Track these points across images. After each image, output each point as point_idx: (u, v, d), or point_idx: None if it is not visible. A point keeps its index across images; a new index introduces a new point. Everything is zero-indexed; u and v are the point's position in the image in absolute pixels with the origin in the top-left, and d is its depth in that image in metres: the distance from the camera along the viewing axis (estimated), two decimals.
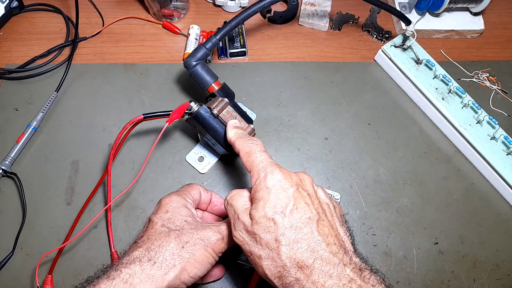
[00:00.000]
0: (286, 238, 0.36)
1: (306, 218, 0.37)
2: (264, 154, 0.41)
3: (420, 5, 0.69)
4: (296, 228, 0.36)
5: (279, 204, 0.37)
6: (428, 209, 0.58)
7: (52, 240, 0.53)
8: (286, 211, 0.36)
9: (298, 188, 0.38)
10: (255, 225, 0.37)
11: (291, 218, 0.36)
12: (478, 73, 0.68)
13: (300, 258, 0.35)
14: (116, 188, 0.56)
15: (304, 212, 0.37)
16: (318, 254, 0.35)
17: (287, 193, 0.37)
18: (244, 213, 0.39)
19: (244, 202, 0.40)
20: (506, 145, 0.59)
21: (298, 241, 0.36)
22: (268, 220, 0.36)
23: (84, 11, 0.69)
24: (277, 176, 0.38)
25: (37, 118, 0.59)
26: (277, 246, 0.36)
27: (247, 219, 0.38)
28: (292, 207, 0.37)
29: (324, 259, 0.35)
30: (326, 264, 0.35)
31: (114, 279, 0.38)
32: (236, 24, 0.53)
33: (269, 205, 0.37)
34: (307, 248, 0.35)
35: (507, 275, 0.55)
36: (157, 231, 0.42)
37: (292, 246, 0.35)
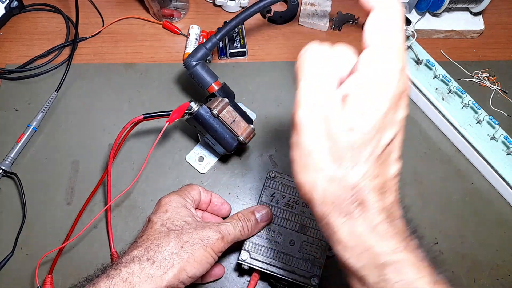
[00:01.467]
0: (368, 167, 0.28)
1: (395, 158, 0.32)
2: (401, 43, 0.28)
3: (420, 5, 0.69)
4: (380, 159, 0.29)
5: (386, 119, 0.28)
6: (428, 209, 0.58)
7: (52, 240, 0.53)
8: (392, 130, 0.29)
9: (404, 117, 0.30)
10: (348, 131, 0.27)
11: (385, 151, 0.29)
12: (478, 73, 0.68)
13: (368, 196, 0.28)
14: (116, 188, 0.56)
15: (398, 149, 0.32)
16: (385, 202, 0.30)
17: (398, 115, 0.29)
18: (335, 96, 0.28)
19: (334, 77, 0.29)
20: (506, 145, 0.59)
21: (378, 177, 0.29)
22: (368, 132, 0.27)
23: (84, 11, 0.69)
24: (405, 84, 0.28)
25: (37, 118, 0.59)
26: (352, 167, 0.28)
27: (338, 105, 0.28)
28: (394, 137, 0.30)
29: (388, 209, 0.30)
30: (389, 215, 0.30)
31: (114, 278, 0.38)
32: (236, 24, 0.53)
33: (377, 115, 0.27)
34: (380, 188, 0.29)
35: (507, 275, 0.55)
36: (157, 230, 0.43)
37: (370, 179, 0.28)
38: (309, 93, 0.28)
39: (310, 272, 0.47)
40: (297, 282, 0.47)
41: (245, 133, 0.52)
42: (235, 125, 0.51)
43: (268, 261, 0.48)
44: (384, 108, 0.27)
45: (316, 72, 0.29)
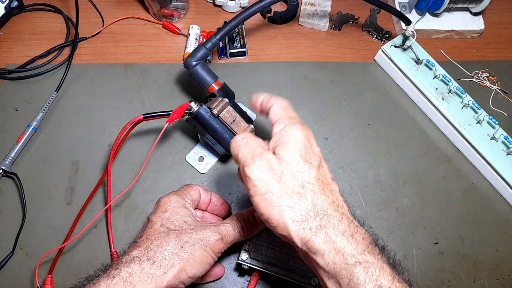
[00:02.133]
0: (314, 186, 0.36)
1: (330, 179, 0.38)
2: (297, 115, 0.42)
3: (420, 5, 0.69)
4: (322, 182, 0.37)
5: (309, 155, 0.38)
6: (428, 209, 0.58)
7: (52, 240, 0.53)
8: (315, 163, 0.37)
9: (320, 151, 0.40)
10: (284, 165, 0.36)
11: (318, 172, 0.37)
12: (478, 73, 0.68)
13: (327, 208, 0.35)
14: (116, 188, 0.56)
15: (328, 172, 0.39)
16: (343, 210, 0.36)
17: (315, 150, 0.39)
18: (267, 151, 0.38)
19: (262, 143, 0.40)
20: (506, 145, 0.59)
21: (325, 193, 0.36)
22: (299, 165, 0.37)
23: (84, 11, 0.69)
24: (309, 132, 0.40)
25: (37, 118, 0.59)
26: (304, 191, 0.36)
27: (273, 157, 0.37)
28: (319, 163, 0.38)
29: (349, 217, 0.36)
30: (351, 223, 0.36)
31: (114, 278, 0.38)
32: (236, 24, 0.53)
33: (300, 151, 0.37)
34: (332, 202, 0.36)
35: (507, 275, 0.55)
36: (156, 230, 0.43)
37: (319, 196, 0.36)
38: (249, 154, 0.38)
39: (310, 272, 0.47)
40: (297, 282, 0.47)
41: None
42: (235, 125, 0.51)
43: (268, 261, 0.48)
44: (300, 146, 0.37)
45: (249, 143, 0.40)
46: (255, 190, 0.36)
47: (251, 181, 0.37)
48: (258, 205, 0.36)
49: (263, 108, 0.44)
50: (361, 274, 0.32)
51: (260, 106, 0.44)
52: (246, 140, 0.40)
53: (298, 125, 0.39)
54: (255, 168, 0.37)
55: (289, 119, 0.40)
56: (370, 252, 0.34)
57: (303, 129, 0.39)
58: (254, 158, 0.37)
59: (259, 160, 0.37)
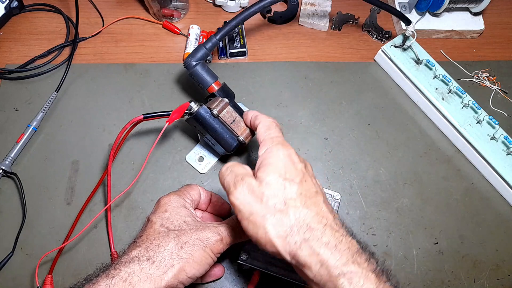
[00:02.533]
0: (295, 201, 0.37)
1: (314, 192, 0.39)
2: (280, 133, 0.43)
3: (420, 5, 0.69)
4: (305, 196, 0.38)
5: (289, 173, 0.39)
6: (428, 209, 0.58)
7: (52, 240, 0.53)
8: (296, 179, 0.38)
9: (305, 166, 0.41)
10: (264, 186, 0.38)
11: (300, 187, 0.38)
12: (478, 73, 0.68)
13: (310, 221, 0.36)
14: (116, 188, 0.56)
15: (312, 186, 0.39)
16: (327, 222, 0.37)
17: (297, 167, 0.40)
18: (248, 176, 0.39)
19: (245, 169, 0.41)
20: (506, 145, 0.59)
21: (308, 207, 0.37)
22: (278, 183, 0.38)
23: (84, 11, 0.69)
24: (290, 151, 0.41)
25: (37, 118, 0.59)
26: (286, 208, 0.37)
27: (253, 180, 0.39)
28: (302, 178, 0.39)
29: (333, 227, 0.36)
30: (336, 232, 0.36)
31: (114, 278, 0.38)
32: (236, 24, 0.53)
33: (280, 171, 0.39)
34: (316, 214, 0.37)
35: (507, 275, 0.55)
36: (156, 230, 0.43)
37: (301, 210, 0.37)
38: (232, 182, 0.39)
39: None
40: (297, 282, 0.47)
41: (245, 133, 0.52)
42: (235, 125, 0.51)
43: (268, 261, 0.48)
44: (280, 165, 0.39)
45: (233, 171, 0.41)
46: (241, 214, 0.38)
47: (236, 207, 0.38)
48: (246, 228, 0.38)
49: (252, 125, 0.47)
50: (345, 285, 0.33)
51: (250, 124, 0.48)
52: (230, 169, 0.41)
53: (279, 146, 0.41)
54: (237, 193, 0.38)
55: (271, 140, 0.42)
56: (354, 261, 0.34)
57: (283, 149, 0.40)
58: (236, 184, 0.39)
59: (240, 185, 0.39)
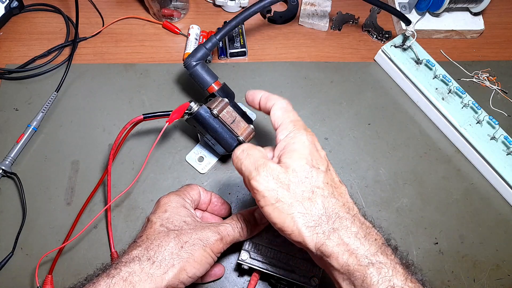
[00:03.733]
0: (323, 191, 0.36)
1: (338, 181, 0.38)
2: (298, 116, 0.41)
3: (420, 5, 0.69)
4: (331, 186, 0.37)
5: (316, 160, 0.37)
6: (428, 209, 0.58)
7: (52, 240, 0.53)
8: (322, 167, 0.37)
9: (326, 154, 0.40)
10: (291, 173, 0.36)
11: (326, 176, 0.37)
12: (478, 73, 0.68)
13: (339, 211, 0.35)
14: (116, 188, 0.56)
15: (336, 176, 0.38)
16: (354, 212, 0.36)
17: (321, 154, 0.39)
18: (271, 161, 0.38)
19: (263, 152, 0.39)
20: (506, 145, 0.59)
21: (335, 196, 0.36)
22: (305, 171, 0.36)
23: (84, 11, 0.69)
24: (313, 137, 0.39)
25: (37, 118, 0.59)
26: (314, 196, 0.36)
27: (277, 166, 0.37)
28: (327, 167, 0.38)
29: (360, 219, 0.36)
30: (363, 224, 0.36)
31: (114, 277, 0.38)
32: (236, 24, 0.53)
33: (307, 158, 0.37)
34: (343, 205, 0.36)
35: (507, 275, 0.55)
36: (156, 230, 0.43)
37: (329, 199, 0.36)
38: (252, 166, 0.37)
39: (310, 272, 0.47)
40: (297, 282, 0.47)
41: (245, 133, 0.52)
42: (235, 125, 0.51)
43: (268, 261, 0.48)
44: (306, 152, 0.37)
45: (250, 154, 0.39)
46: (265, 201, 0.36)
47: (260, 192, 0.36)
48: (270, 215, 0.36)
49: (262, 107, 0.44)
50: (374, 275, 0.33)
51: (258, 104, 0.44)
52: (247, 152, 0.39)
53: (303, 131, 0.39)
54: (261, 179, 0.36)
55: (293, 124, 0.40)
56: (383, 253, 0.34)
57: (308, 135, 0.39)
58: (258, 169, 0.37)
59: (263, 171, 0.37)
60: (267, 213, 0.36)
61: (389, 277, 0.33)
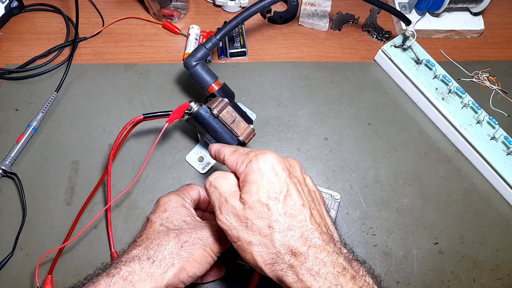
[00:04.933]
0: (279, 225, 0.35)
1: (300, 206, 0.37)
2: (249, 148, 0.41)
3: (420, 5, 0.69)
4: (289, 216, 0.36)
5: (273, 189, 0.36)
6: (428, 209, 0.58)
7: (52, 240, 0.53)
8: (280, 197, 0.36)
9: (289, 174, 0.38)
10: (247, 209, 0.36)
11: (284, 205, 0.36)
12: (478, 73, 0.68)
13: (294, 245, 0.35)
14: (116, 188, 0.56)
15: (297, 199, 0.37)
16: (311, 242, 0.35)
17: (280, 178, 0.37)
18: (233, 197, 0.38)
19: (231, 185, 0.39)
20: (506, 145, 0.59)
21: (292, 228, 0.35)
22: (262, 206, 0.36)
23: (84, 11, 0.69)
24: (271, 159, 0.38)
25: (37, 118, 0.59)
26: (270, 232, 0.35)
27: (237, 203, 0.37)
28: (286, 193, 0.37)
29: (318, 247, 0.35)
30: (320, 252, 0.35)
31: (114, 276, 0.38)
32: (236, 24, 0.53)
33: (262, 190, 0.36)
34: (300, 236, 0.35)
35: (507, 275, 0.55)
36: (156, 230, 0.43)
37: (286, 233, 0.35)
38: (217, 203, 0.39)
39: None
40: None
41: (245, 133, 0.52)
42: (235, 125, 0.51)
43: None
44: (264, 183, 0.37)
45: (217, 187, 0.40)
46: (230, 237, 0.38)
47: (225, 230, 0.38)
48: (236, 249, 0.38)
49: (219, 161, 0.44)
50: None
51: (216, 159, 0.44)
52: (214, 187, 0.40)
53: (258, 158, 0.38)
54: (223, 218, 0.38)
55: (246, 156, 0.39)
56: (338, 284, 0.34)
57: (263, 160, 0.38)
58: (221, 208, 0.38)
59: (225, 209, 0.38)
60: (235, 247, 0.38)
61: None
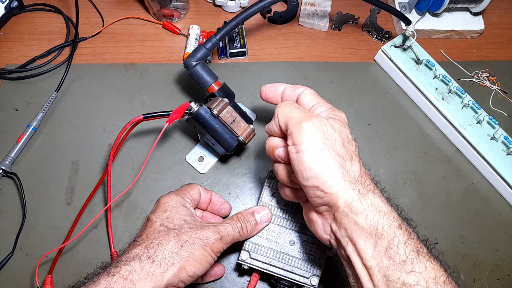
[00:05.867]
0: (359, 159, 0.39)
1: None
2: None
3: (420, 5, 0.69)
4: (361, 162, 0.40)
5: (352, 135, 0.41)
6: (428, 209, 0.58)
7: (52, 240, 0.53)
8: (354, 143, 0.40)
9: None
10: (338, 133, 0.38)
11: (357, 150, 0.40)
12: (478, 73, 0.68)
13: (372, 180, 0.39)
14: (116, 188, 0.56)
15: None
16: (379, 189, 0.39)
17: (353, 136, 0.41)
18: (322, 117, 0.40)
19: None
20: (506, 145, 0.59)
21: (366, 169, 0.39)
22: (349, 138, 0.39)
23: (84, 11, 0.69)
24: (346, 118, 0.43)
25: (37, 118, 0.59)
26: (353, 160, 0.38)
27: (327, 121, 0.39)
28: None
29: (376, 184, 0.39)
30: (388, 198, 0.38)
31: (114, 276, 0.38)
32: (236, 24, 0.53)
33: (349, 129, 0.41)
34: (373, 178, 0.40)
35: (507, 275, 0.55)
36: (156, 230, 0.43)
37: (364, 168, 0.39)
38: (303, 113, 0.39)
39: (310, 272, 0.47)
40: (297, 282, 0.47)
41: (245, 133, 0.52)
42: (235, 125, 0.51)
43: (268, 261, 0.48)
44: (347, 125, 0.41)
45: (299, 107, 0.41)
46: (310, 145, 0.36)
47: (307, 134, 0.37)
48: (311, 159, 0.36)
49: (287, 96, 0.45)
50: (402, 236, 0.34)
51: (281, 95, 0.45)
52: (296, 106, 0.41)
53: (342, 111, 0.42)
54: (312, 124, 0.37)
55: (329, 104, 0.43)
56: (408, 225, 0.36)
57: (344, 114, 0.42)
58: (311, 116, 0.38)
59: (316, 118, 0.38)
60: (306, 157, 0.36)
61: (415, 241, 0.34)
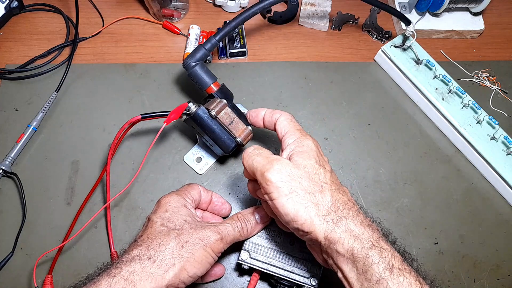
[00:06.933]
0: (331, 186, 0.40)
1: (339, 183, 0.42)
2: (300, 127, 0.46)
3: (420, 5, 0.69)
4: (336, 184, 0.41)
5: (322, 161, 0.42)
6: (428, 209, 0.58)
7: (52, 240, 0.53)
8: (327, 168, 0.42)
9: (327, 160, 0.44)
10: (302, 169, 0.40)
11: (331, 176, 0.41)
12: (478, 73, 0.68)
13: (346, 203, 0.39)
14: (116, 188, 0.56)
15: (337, 178, 0.43)
16: (358, 207, 0.40)
17: (324, 158, 0.43)
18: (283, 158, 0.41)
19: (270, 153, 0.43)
20: (506, 145, 0.59)
21: (341, 193, 0.40)
22: (315, 168, 0.40)
23: (84, 11, 0.69)
24: (317, 144, 0.44)
25: (37, 118, 0.59)
26: (323, 190, 0.39)
27: (290, 162, 0.40)
28: (330, 169, 0.42)
29: (363, 213, 0.40)
30: (366, 217, 0.39)
31: (115, 276, 0.38)
32: (236, 25, 0.53)
33: (315, 158, 0.41)
34: (348, 200, 0.40)
35: (507, 275, 0.55)
36: (157, 230, 0.43)
37: (337, 194, 0.40)
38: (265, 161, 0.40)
39: (310, 272, 0.47)
40: (297, 282, 0.47)
41: (243, 135, 0.52)
42: (233, 126, 0.51)
43: (268, 261, 0.48)
44: (314, 154, 0.41)
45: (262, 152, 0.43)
46: (279, 192, 0.38)
47: (273, 184, 0.39)
48: (283, 205, 0.38)
49: (267, 120, 0.47)
50: (375, 256, 0.36)
51: (262, 120, 0.48)
52: (258, 151, 0.42)
53: (309, 137, 0.43)
54: (274, 171, 0.39)
55: (299, 131, 0.44)
56: (383, 241, 0.38)
57: (313, 141, 0.43)
58: (272, 163, 0.40)
59: (277, 164, 0.39)
60: (279, 204, 0.38)
61: (389, 259, 0.36)
